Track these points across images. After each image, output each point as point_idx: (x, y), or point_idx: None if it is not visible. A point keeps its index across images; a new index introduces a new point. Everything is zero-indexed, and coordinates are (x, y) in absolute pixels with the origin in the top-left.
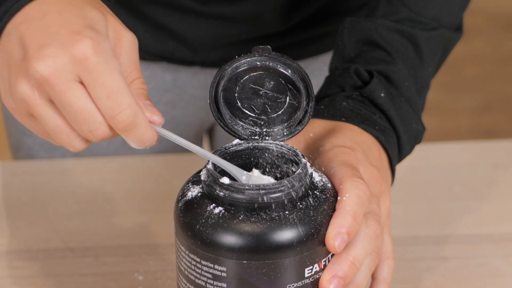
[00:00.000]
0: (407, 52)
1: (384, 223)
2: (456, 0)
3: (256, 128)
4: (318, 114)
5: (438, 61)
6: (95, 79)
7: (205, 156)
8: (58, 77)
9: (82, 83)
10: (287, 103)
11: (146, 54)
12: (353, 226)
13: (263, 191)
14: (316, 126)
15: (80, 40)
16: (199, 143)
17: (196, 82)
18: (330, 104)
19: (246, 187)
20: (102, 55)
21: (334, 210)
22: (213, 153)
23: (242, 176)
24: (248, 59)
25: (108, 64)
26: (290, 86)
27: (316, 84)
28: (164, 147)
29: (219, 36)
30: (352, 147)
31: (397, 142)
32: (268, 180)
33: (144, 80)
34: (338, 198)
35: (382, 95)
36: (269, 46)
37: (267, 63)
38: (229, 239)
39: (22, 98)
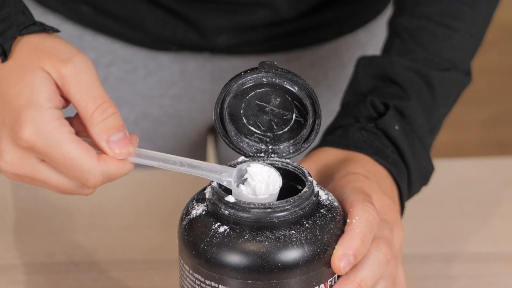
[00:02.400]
0: (421, 90)
1: (397, 254)
2: (470, 44)
3: (262, 145)
4: (331, 143)
5: (449, 104)
6: (49, 158)
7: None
8: (22, 168)
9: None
10: (293, 120)
11: (154, 42)
12: (361, 248)
13: (269, 210)
14: (329, 155)
15: (21, 129)
16: (203, 142)
17: (203, 74)
18: (343, 134)
19: (252, 205)
20: (44, 134)
21: (340, 229)
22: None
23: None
24: (254, 75)
25: (54, 140)
26: (296, 103)
27: (322, 73)
28: None
29: (229, 20)
30: (366, 175)
31: (408, 178)
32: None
33: (108, 104)
34: (348, 220)
35: (396, 128)
36: (275, 62)
37: (274, 79)
38: (234, 258)
39: (10, 178)
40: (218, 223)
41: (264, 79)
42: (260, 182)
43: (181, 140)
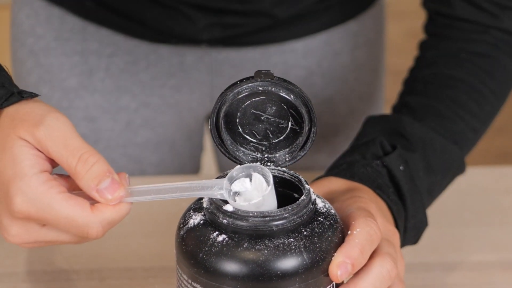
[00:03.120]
0: (426, 149)
1: (401, 280)
2: (471, 135)
3: (258, 154)
4: (336, 173)
5: (445, 179)
6: (47, 222)
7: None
8: (29, 237)
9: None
10: (289, 129)
11: (155, 35)
12: (359, 259)
13: (268, 218)
14: (333, 183)
15: (12, 201)
16: (200, 130)
17: (201, 66)
18: (348, 168)
19: (250, 214)
20: (35, 201)
21: (338, 237)
22: (216, 177)
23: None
24: (250, 84)
25: (45, 203)
26: (292, 111)
27: (315, 62)
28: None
29: (223, 19)
30: (371, 200)
31: (404, 223)
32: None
33: (88, 153)
34: (349, 232)
35: (401, 168)
36: (271, 71)
37: (269, 88)
38: (234, 267)
39: (25, 247)
40: (217, 232)
41: (260, 88)
42: (248, 190)
43: (180, 127)
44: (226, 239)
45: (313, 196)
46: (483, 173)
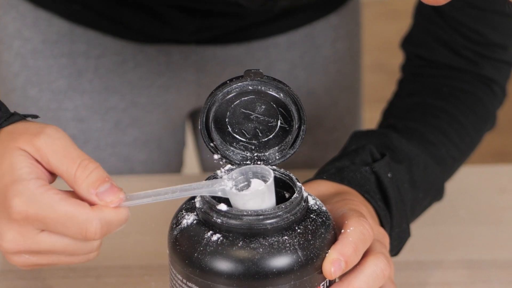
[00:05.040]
0: (411, 163)
1: (391, 280)
2: (450, 162)
3: (247, 153)
4: (325, 176)
5: (425, 201)
6: (46, 222)
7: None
8: (24, 243)
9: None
10: (278, 127)
11: (142, 37)
12: (352, 257)
13: (261, 217)
14: (322, 185)
15: (11, 203)
16: (183, 126)
17: (188, 65)
18: (337, 172)
19: (244, 213)
20: (34, 201)
21: (331, 234)
22: (206, 179)
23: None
24: (240, 83)
25: (44, 203)
26: (281, 110)
27: (298, 55)
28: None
29: (207, 22)
30: (360, 203)
31: (389, 232)
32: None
33: (88, 161)
34: (342, 231)
35: (389, 175)
36: (260, 70)
37: (259, 87)
38: (229, 266)
39: (19, 265)
40: (211, 232)
41: (250, 87)
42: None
43: (166, 125)
44: (221, 238)
45: (305, 194)
46: (478, 171)
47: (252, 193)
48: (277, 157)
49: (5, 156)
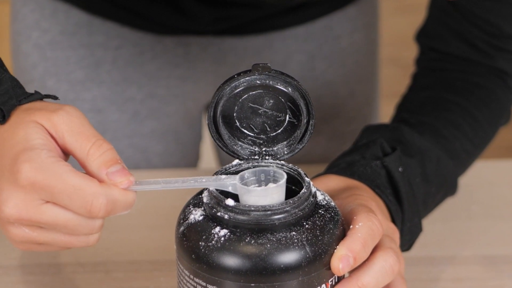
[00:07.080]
0: (423, 156)
1: (401, 276)
2: (464, 156)
3: (255, 148)
4: (335, 172)
5: (437, 196)
6: (52, 192)
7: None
8: (27, 211)
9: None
10: (286, 122)
11: (160, 28)
12: (361, 253)
13: (269, 212)
14: (332, 180)
15: (20, 168)
16: (200, 117)
17: (206, 56)
18: (348, 167)
19: (252, 208)
20: (43, 169)
21: (339, 229)
22: (214, 174)
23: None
24: (248, 78)
25: (54, 172)
26: (290, 104)
27: (317, 46)
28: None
29: (225, 12)
30: (370, 198)
31: (401, 225)
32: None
33: (102, 141)
34: (351, 226)
35: (400, 170)
36: (269, 64)
37: (267, 81)
38: (237, 262)
39: (17, 239)
40: (218, 227)
41: (258, 81)
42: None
43: (183, 117)
44: (228, 233)
45: (313, 189)
46: (490, 166)
47: (263, 190)
48: (286, 152)
49: (20, 127)
